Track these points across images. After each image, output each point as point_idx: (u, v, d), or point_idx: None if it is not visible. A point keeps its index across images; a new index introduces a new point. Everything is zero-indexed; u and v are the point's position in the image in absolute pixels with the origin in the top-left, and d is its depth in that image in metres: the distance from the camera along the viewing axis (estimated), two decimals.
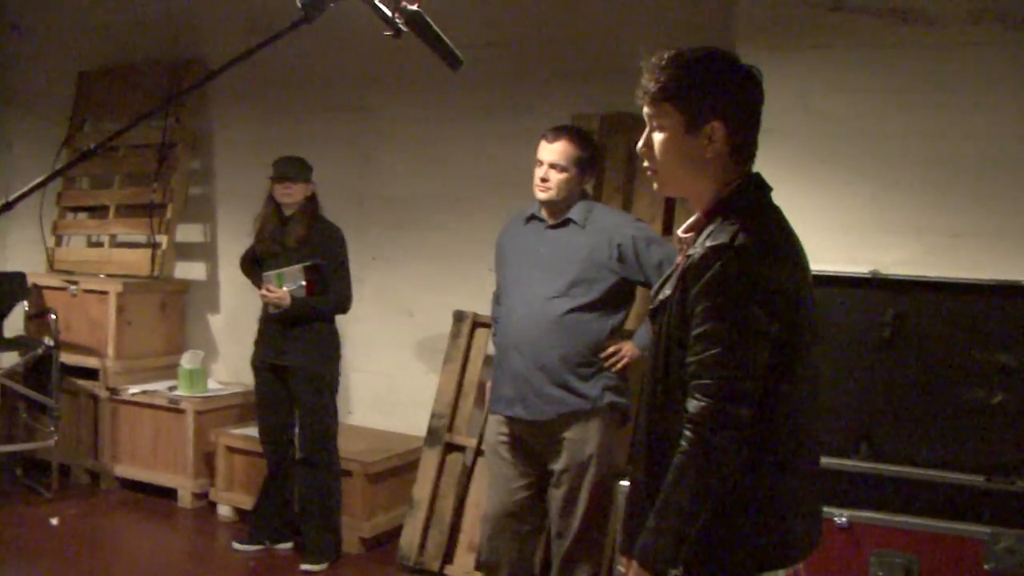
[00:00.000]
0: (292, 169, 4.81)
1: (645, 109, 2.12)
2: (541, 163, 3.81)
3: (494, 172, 5.38)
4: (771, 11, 3.95)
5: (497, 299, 4.10)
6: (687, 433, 1.96)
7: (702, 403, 1.95)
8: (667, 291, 2.11)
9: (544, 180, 3.79)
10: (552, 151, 3.79)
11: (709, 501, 1.95)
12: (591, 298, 3.74)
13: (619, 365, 3.79)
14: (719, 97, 2.04)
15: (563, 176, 3.78)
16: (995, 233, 3.64)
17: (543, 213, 3.88)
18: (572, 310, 3.73)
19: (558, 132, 3.85)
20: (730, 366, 1.93)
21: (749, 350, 1.94)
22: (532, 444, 3.85)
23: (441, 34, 2.01)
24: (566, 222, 3.83)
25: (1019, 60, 3.61)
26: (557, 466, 3.79)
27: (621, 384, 3.84)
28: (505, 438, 3.90)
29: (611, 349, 3.78)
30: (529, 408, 3.77)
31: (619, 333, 3.86)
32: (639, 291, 3.97)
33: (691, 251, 2.05)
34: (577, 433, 3.74)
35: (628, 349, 3.80)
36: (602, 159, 4.57)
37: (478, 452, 4.73)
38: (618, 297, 3.81)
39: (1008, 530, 2.98)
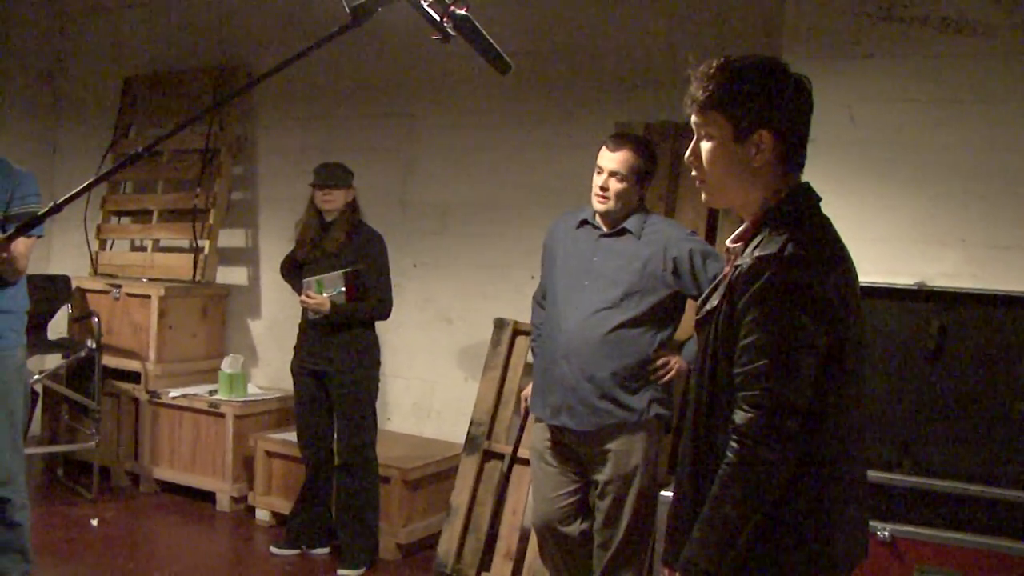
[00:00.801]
0: (333, 176, 4.82)
1: (693, 118, 2.10)
2: (601, 171, 3.72)
3: (536, 180, 5.38)
4: (819, 20, 3.91)
5: (539, 301, 4.07)
6: (733, 445, 1.94)
7: (749, 415, 1.93)
8: (714, 301, 2.08)
9: (604, 189, 3.70)
10: (613, 159, 3.69)
11: (754, 513, 1.93)
12: (643, 310, 3.68)
13: (667, 378, 3.75)
14: (767, 106, 2.02)
15: (623, 186, 3.69)
16: None
17: (598, 220, 3.81)
18: (624, 324, 3.67)
19: (620, 140, 3.74)
20: (778, 378, 1.91)
21: (797, 362, 1.91)
22: (577, 452, 3.83)
23: (489, 39, 2.00)
24: (621, 231, 3.76)
25: None
26: (602, 477, 3.76)
27: (666, 396, 3.81)
28: (551, 444, 3.88)
29: (660, 361, 3.74)
30: (575, 418, 3.73)
31: (668, 345, 3.80)
32: (690, 303, 3.86)
33: (739, 261, 2.02)
34: (623, 445, 3.71)
35: (676, 361, 3.75)
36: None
37: (513, 459, 4.72)
38: (669, 311, 3.76)
39: None
